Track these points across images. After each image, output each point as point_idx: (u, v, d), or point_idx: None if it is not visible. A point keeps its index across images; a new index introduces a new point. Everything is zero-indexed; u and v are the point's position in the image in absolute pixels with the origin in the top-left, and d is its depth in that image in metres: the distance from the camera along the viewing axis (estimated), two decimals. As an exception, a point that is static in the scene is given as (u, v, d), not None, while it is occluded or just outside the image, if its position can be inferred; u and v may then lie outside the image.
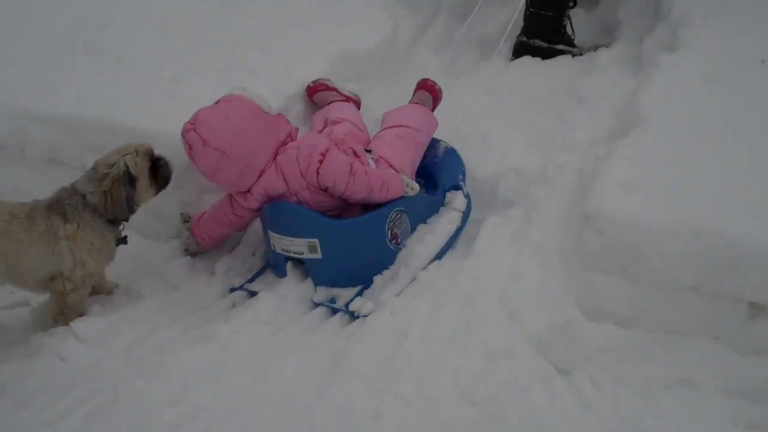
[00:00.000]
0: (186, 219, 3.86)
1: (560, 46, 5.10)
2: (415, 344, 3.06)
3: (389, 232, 3.64)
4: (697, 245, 3.12)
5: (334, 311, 3.50)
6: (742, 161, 3.46)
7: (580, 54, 5.08)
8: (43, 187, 3.41)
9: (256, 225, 3.80)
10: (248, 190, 3.62)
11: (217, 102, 3.57)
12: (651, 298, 3.20)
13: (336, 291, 3.60)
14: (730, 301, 3.13)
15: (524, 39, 5.13)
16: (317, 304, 3.56)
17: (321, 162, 3.53)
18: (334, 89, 4.26)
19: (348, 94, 4.28)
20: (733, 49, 4.17)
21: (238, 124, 3.49)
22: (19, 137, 3.91)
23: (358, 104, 4.32)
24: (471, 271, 3.41)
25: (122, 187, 3.36)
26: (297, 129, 3.76)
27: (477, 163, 4.11)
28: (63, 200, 3.35)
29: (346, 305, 3.49)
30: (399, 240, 3.69)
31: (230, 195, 3.73)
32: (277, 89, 4.06)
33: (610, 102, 4.28)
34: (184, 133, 3.48)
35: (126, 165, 3.37)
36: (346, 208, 3.71)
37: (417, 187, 3.76)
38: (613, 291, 3.24)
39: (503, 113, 4.51)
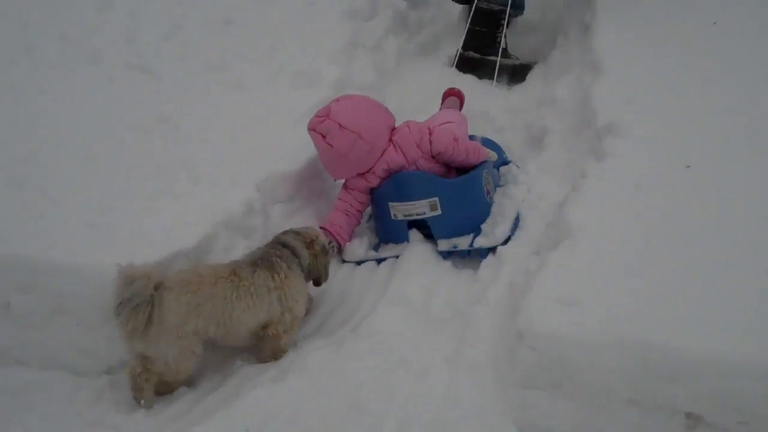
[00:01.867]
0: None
1: (491, 57, 6.04)
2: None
3: (485, 188, 4.62)
4: (631, 358, 3.22)
5: (461, 254, 4.47)
6: (673, 270, 3.58)
7: (515, 65, 6.15)
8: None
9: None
10: (370, 170, 4.53)
11: (337, 99, 4.47)
12: (587, 413, 3.27)
13: (455, 240, 4.49)
14: (667, 412, 3.22)
15: (462, 51, 6.13)
16: (443, 253, 4.47)
17: (431, 134, 4.55)
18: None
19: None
20: (658, 155, 4.33)
21: (365, 112, 4.45)
22: (-60, 277, 3.88)
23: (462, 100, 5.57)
24: (406, 393, 3.46)
25: (324, 255, 4.14)
26: None
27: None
28: (270, 255, 3.95)
29: (470, 245, 4.44)
30: (491, 196, 4.68)
31: (346, 189, 4.65)
32: (204, 216, 4.13)
33: (540, 213, 4.45)
34: (316, 125, 4.38)
35: (324, 242, 4.18)
36: (445, 174, 4.66)
37: (495, 154, 4.93)
38: (549, 408, 3.31)
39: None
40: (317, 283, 4.21)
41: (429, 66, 6.13)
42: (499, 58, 5.86)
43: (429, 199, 4.45)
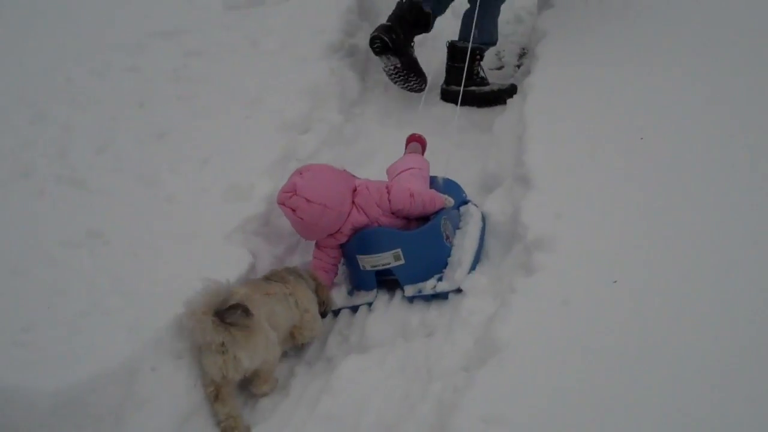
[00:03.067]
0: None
1: (472, 88, 6.89)
2: None
3: (444, 234, 5.12)
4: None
5: (426, 298, 4.96)
6: (600, 387, 3.69)
7: (493, 90, 7.01)
8: None
9: None
10: (338, 231, 5.04)
11: (300, 173, 4.92)
12: None
13: (419, 285, 4.99)
14: None
15: (445, 86, 7.06)
16: (410, 298, 4.97)
17: (389, 193, 5.09)
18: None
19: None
20: (586, 270, 4.44)
21: (327, 183, 4.92)
22: None
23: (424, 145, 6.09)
24: None
25: (325, 288, 5.00)
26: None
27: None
28: (279, 272, 4.80)
29: (434, 291, 4.92)
30: (450, 240, 5.17)
31: (319, 249, 5.20)
32: (133, 334, 4.15)
33: (471, 328, 4.51)
34: (285, 201, 4.87)
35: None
36: (406, 225, 5.22)
37: (452, 200, 5.37)
38: None
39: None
40: (323, 313, 4.96)
41: (365, 177, 6.26)
42: (462, 88, 6.63)
43: (392, 251, 4.98)
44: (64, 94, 6.26)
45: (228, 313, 4.07)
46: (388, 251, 4.99)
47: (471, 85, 6.90)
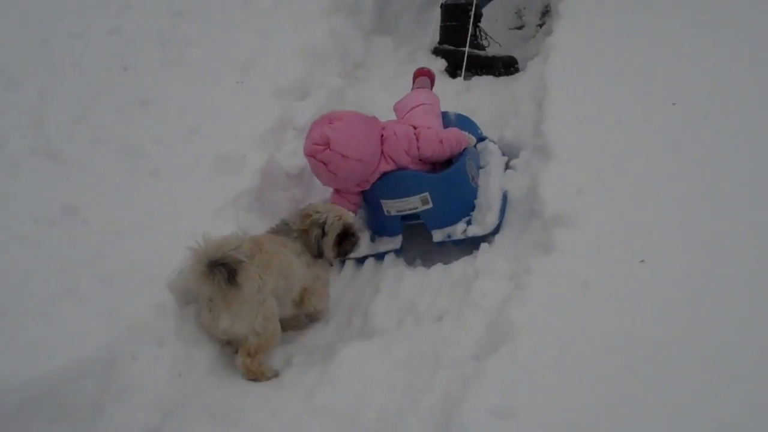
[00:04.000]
0: None
1: (466, 48, 6.75)
2: None
3: (470, 175, 5.32)
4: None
5: (455, 243, 5.20)
6: (616, 380, 3.60)
7: (488, 56, 7.10)
8: None
9: None
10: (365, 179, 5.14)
11: (330, 121, 4.94)
12: None
13: (448, 230, 5.23)
14: None
15: (438, 45, 7.18)
16: (439, 243, 5.24)
17: (418, 139, 5.15)
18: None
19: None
20: (609, 249, 4.35)
21: (361, 135, 4.99)
22: None
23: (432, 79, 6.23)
24: None
25: (315, 231, 4.74)
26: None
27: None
28: (278, 231, 4.79)
29: (465, 236, 5.16)
30: (476, 180, 5.39)
31: (338, 194, 5.24)
32: (111, 319, 4.08)
33: (483, 312, 4.41)
34: (316, 154, 4.91)
35: (325, 220, 4.76)
36: (431, 168, 5.34)
37: (473, 138, 5.62)
38: None
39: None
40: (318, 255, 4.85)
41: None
42: (467, 48, 6.68)
43: (420, 194, 5.14)
44: (40, 57, 6.20)
45: (216, 268, 4.10)
46: (416, 195, 5.15)
47: (467, 45, 6.86)
